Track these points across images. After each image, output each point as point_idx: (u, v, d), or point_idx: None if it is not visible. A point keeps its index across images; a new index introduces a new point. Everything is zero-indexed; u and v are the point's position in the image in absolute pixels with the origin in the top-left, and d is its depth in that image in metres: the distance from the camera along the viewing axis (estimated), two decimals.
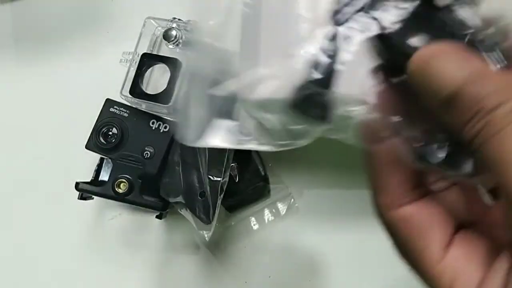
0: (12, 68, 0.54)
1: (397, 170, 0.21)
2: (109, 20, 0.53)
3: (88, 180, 0.43)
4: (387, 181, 0.21)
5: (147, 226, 0.47)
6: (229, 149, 0.39)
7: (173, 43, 0.46)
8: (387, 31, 0.20)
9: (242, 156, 0.42)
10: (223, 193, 0.39)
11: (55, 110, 0.51)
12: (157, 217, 0.43)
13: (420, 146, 0.20)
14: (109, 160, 0.43)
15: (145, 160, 0.42)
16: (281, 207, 0.42)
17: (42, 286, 0.47)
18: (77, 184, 0.42)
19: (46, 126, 0.51)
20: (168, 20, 0.46)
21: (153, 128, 0.43)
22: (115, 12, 0.53)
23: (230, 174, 0.39)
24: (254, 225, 0.45)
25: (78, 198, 0.41)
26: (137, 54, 0.46)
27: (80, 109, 0.50)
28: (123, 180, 0.41)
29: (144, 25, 0.47)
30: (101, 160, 0.45)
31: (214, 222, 0.38)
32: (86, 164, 0.46)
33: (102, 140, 0.45)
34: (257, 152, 0.43)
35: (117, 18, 0.53)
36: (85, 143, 0.45)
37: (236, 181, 0.42)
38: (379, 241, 0.42)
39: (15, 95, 0.53)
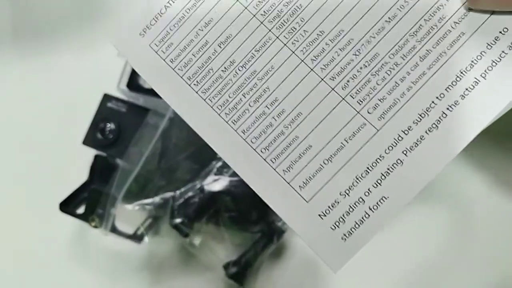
0: (8, 63, 0.53)
1: None
2: (106, 12, 0.53)
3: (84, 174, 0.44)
4: None
5: None
6: None
7: None
8: None
9: None
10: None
11: (51, 105, 0.51)
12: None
13: None
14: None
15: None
16: None
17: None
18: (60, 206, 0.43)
19: (42, 120, 0.51)
20: None
21: (152, 123, 0.43)
22: (112, 4, 0.53)
23: None
24: None
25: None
26: None
27: (77, 103, 0.50)
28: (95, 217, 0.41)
29: None
30: (95, 158, 0.45)
31: None
32: (83, 160, 0.45)
33: (100, 136, 0.45)
34: None
35: (114, 11, 0.53)
36: (83, 138, 0.45)
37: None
38: (379, 241, 0.41)
39: (11, 90, 0.53)
